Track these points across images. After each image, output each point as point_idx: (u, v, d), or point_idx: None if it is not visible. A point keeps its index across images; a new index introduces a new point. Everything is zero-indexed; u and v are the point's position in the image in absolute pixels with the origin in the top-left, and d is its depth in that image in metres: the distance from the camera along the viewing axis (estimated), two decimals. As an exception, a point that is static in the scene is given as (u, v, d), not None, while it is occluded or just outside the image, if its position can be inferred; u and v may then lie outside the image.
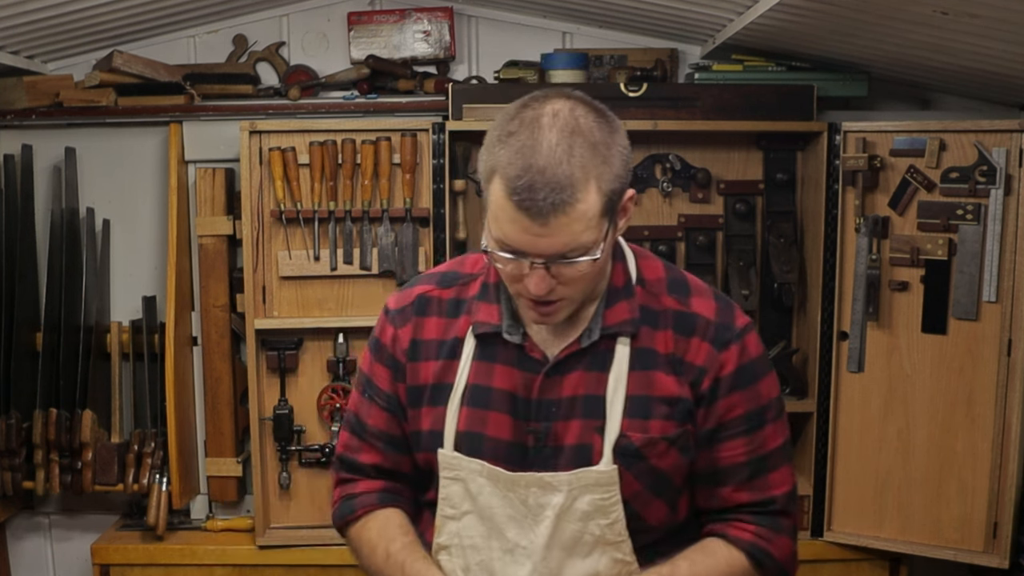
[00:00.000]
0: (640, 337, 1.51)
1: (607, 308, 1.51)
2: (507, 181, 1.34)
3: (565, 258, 1.37)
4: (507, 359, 1.52)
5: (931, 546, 2.80)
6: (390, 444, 1.62)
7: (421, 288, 1.62)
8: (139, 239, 3.17)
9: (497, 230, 1.38)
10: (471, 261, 1.62)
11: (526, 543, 1.53)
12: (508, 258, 1.39)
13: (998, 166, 2.64)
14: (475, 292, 1.57)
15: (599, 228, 1.37)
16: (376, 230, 2.92)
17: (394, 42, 3.13)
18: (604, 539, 1.52)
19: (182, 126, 3.03)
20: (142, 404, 3.11)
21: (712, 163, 3.03)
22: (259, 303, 2.91)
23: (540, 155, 1.33)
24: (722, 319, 1.53)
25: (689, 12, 2.78)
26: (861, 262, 2.78)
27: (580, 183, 1.33)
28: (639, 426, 1.49)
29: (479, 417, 1.53)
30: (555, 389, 1.51)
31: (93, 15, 2.79)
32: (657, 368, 1.51)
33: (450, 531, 1.57)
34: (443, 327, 1.58)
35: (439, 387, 1.56)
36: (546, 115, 1.36)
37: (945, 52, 2.55)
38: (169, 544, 2.99)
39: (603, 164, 1.36)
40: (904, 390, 2.79)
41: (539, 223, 1.33)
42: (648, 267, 1.57)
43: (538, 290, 1.39)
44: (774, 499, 1.55)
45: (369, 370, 1.64)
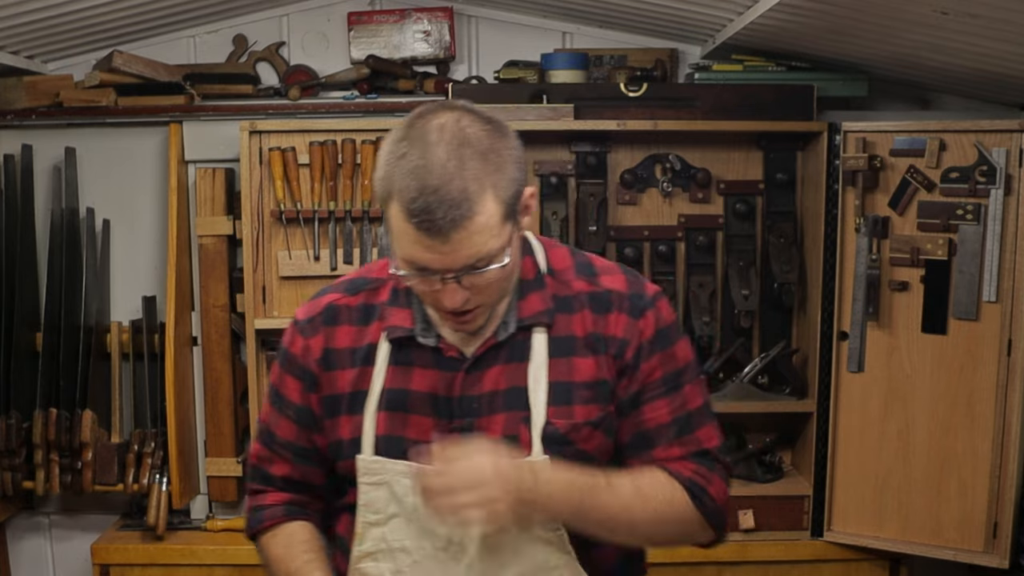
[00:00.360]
0: (556, 325, 1.52)
1: (520, 301, 1.52)
2: (404, 204, 1.34)
3: (474, 269, 1.38)
4: (424, 362, 1.52)
5: (931, 546, 2.80)
6: (299, 456, 1.62)
7: (329, 297, 1.61)
8: (139, 239, 3.17)
9: (402, 251, 1.39)
10: (379, 266, 1.62)
11: (459, 538, 1.51)
12: (418, 277, 1.40)
13: (998, 166, 2.64)
14: (385, 297, 1.57)
15: (503, 234, 1.39)
16: (376, 230, 2.92)
17: (394, 42, 3.13)
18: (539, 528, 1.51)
19: (182, 126, 3.03)
20: (142, 404, 3.11)
21: (712, 163, 3.03)
22: (259, 303, 2.91)
23: (432, 174, 1.33)
24: (634, 290, 1.56)
25: (689, 12, 2.78)
26: (861, 262, 2.78)
27: (476, 195, 1.34)
28: (563, 412, 1.50)
29: (399, 420, 1.52)
30: (476, 385, 1.51)
31: (93, 15, 2.79)
32: (575, 354, 1.52)
33: (374, 537, 1.55)
34: (355, 335, 1.57)
35: (356, 395, 1.55)
36: (432, 131, 1.36)
37: (945, 52, 2.55)
38: (169, 544, 2.99)
39: (496, 171, 1.37)
40: (904, 390, 2.79)
41: (441, 241, 1.34)
42: (555, 256, 1.58)
43: (453, 304, 1.40)
44: (707, 450, 1.57)
45: (278, 382, 1.63)
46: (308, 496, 1.66)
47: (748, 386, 2.96)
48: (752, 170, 3.05)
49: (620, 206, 3.04)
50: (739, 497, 2.92)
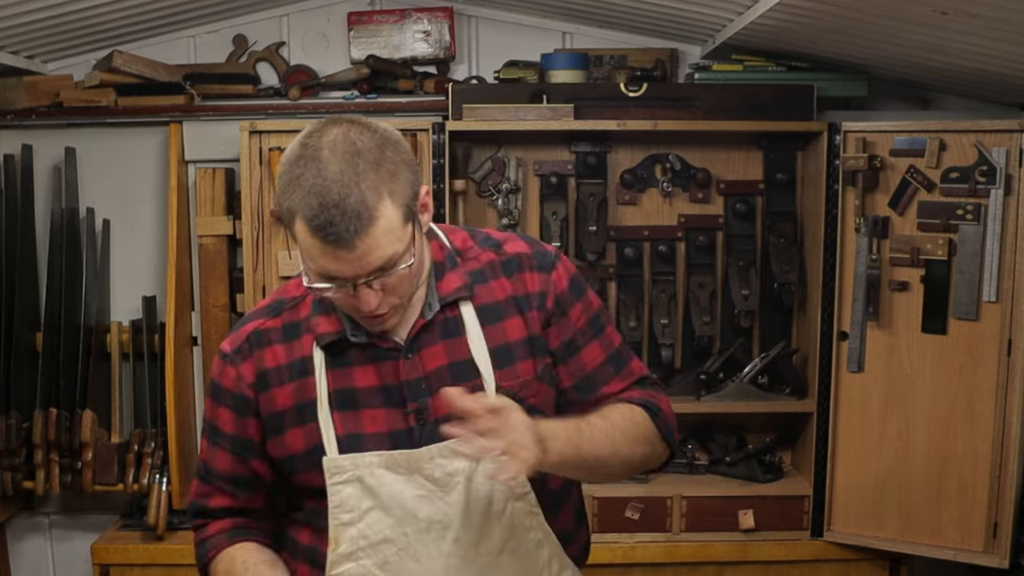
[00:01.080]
0: (478, 296, 1.61)
1: (438, 281, 1.60)
2: (307, 221, 1.40)
3: (383, 271, 1.44)
4: (361, 359, 1.58)
5: (931, 546, 2.80)
6: (238, 486, 1.66)
7: (252, 324, 1.65)
8: (139, 239, 3.17)
9: (313, 265, 1.44)
10: (293, 285, 1.66)
11: (440, 516, 1.56)
12: (331, 287, 1.45)
13: (998, 166, 2.64)
14: (307, 312, 1.61)
15: (405, 235, 1.45)
16: (376, 230, 2.92)
17: (394, 42, 3.14)
18: (512, 493, 1.58)
19: (182, 126, 3.03)
20: (142, 404, 3.11)
21: (712, 163, 3.03)
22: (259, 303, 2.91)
23: (331, 190, 1.39)
24: (536, 249, 1.67)
25: (689, 12, 2.78)
26: (861, 262, 2.78)
27: (374, 203, 1.40)
28: (508, 374, 1.58)
29: (352, 418, 1.57)
30: (418, 367, 1.57)
31: (93, 15, 2.79)
32: (503, 317, 1.61)
33: (351, 536, 1.57)
34: (286, 351, 1.61)
35: (301, 406, 1.58)
36: (325, 148, 1.42)
37: (945, 52, 2.55)
38: (169, 544, 2.99)
39: (391, 178, 1.43)
40: (904, 390, 2.79)
41: (348, 251, 1.40)
42: (457, 237, 1.67)
43: (369, 307, 1.46)
44: (644, 377, 1.71)
45: (211, 415, 1.66)
46: (250, 520, 1.69)
47: (748, 386, 2.96)
48: (752, 170, 3.05)
49: (620, 206, 3.05)
50: (739, 497, 2.93)
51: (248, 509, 1.68)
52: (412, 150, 2.88)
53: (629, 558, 2.92)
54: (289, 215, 1.43)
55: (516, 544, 1.60)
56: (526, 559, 1.61)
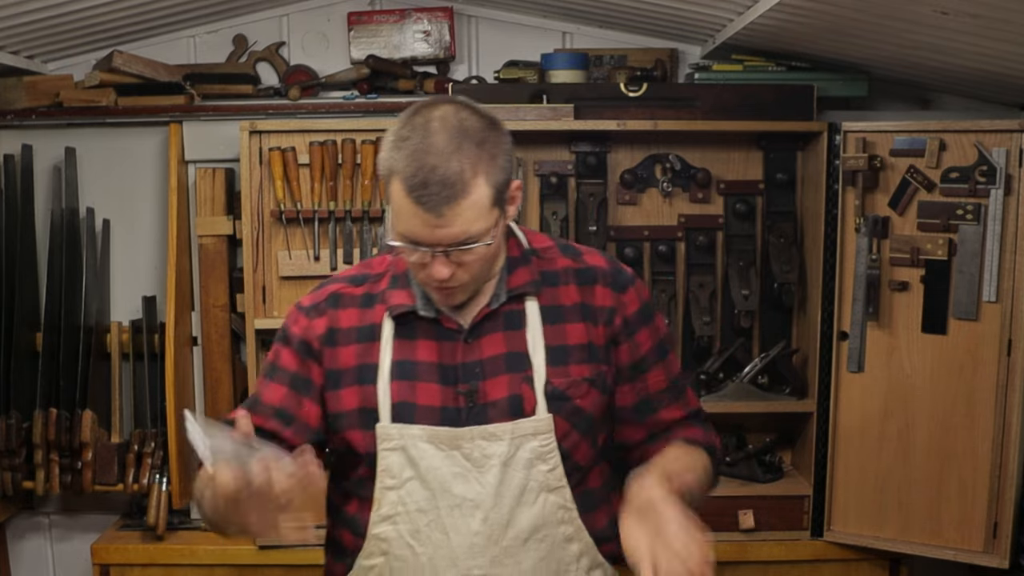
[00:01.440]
0: (544, 296, 1.69)
1: (509, 275, 1.69)
2: (404, 181, 1.50)
3: (461, 245, 1.53)
4: (426, 334, 1.67)
5: (931, 546, 2.80)
6: (276, 415, 1.69)
7: (334, 287, 1.75)
8: (139, 239, 3.17)
9: (400, 225, 1.54)
10: (376, 262, 1.77)
11: (473, 495, 1.64)
12: (411, 249, 1.55)
13: (998, 166, 2.64)
14: (386, 285, 1.71)
15: (490, 217, 1.54)
16: (376, 230, 2.92)
17: (394, 42, 3.14)
18: (547, 485, 1.66)
19: (182, 126, 3.03)
20: (142, 404, 3.11)
21: (712, 163, 3.03)
22: (259, 303, 2.91)
23: (431, 155, 1.49)
24: (614, 268, 1.75)
25: (689, 12, 2.78)
26: (861, 262, 2.78)
27: (469, 177, 1.50)
28: (560, 372, 1.66)
29: (408, 388, 1.65)
30: (476, 352, 1.66)
31: (93, 15, 2.79)
32: (566, 320, 1.69)
33: (391, 501, 1.67)
34: (359, 316, 1.70)
35: (363, 367, 1.67)
36: (435, 120, 1.52)
37: (945, 52, 2.55)
38: (169, 544, 2.99)
39: (489, 160, 1.53)
40: (904, 390, 2.79)
41: (435, 215, 1.49)
42: (537, 239, 1.77)
43: (439, 276, 1.55)
44: (699, 411, 1.82)
45: (274, 357, 1.74)
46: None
47: (748, 386, 2.96)
48: (752, 170, 3.05)
49: (620, 206, 3.05)
50: (739, 497, 2.92)
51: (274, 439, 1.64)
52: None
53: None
54: (388, 174, 1.53)
55: (545, 535, 1.67)
56: (553, 551, 1.68)
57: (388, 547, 1.68)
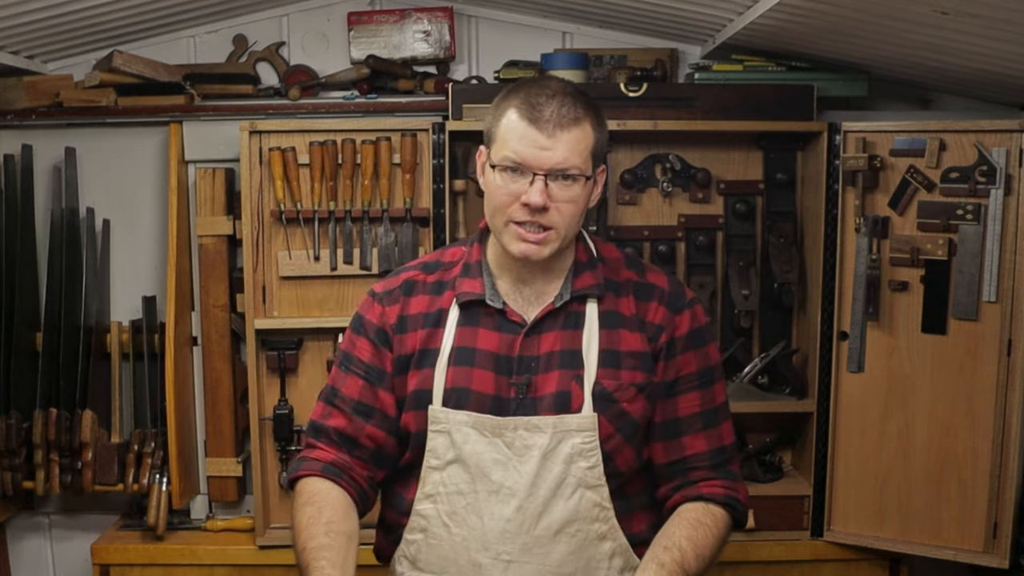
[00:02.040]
0: (606, 301, 1.75)
1: (575, 277, 1.75)
2: (520, 106, 1.61)
3: (563, 174, 1.60)
4: (489, 324, 1.73)
5: (931, 546, 2.80)
6: (358, 411, 1.77)
7: (407, 274, 1.82)
8: (139, 239, 3.17)
9: (506, 150, 1.61)
10: (451, 252, 1.84)
11: (511, 483, 1.69)
12: (513, 173, 1.61)
13: (998, 166, 2.64)
14: (457, 273, 1.78)
15: (588, 165, 1.63)
16: (376, 230, 2.92)
17: (394, 42, 3.14)
18: (585, 482, 1.70)
19: (182, 126, 3.03)
20: (142, 404, 3.11)
21: (712, 163, 3.03)
22: (259, 303, 2.91)
23: (549, 89, 1.62)
24: (674, 290, 1.81)
25: (689, 12, 2.78)
26: (861, 262, 2.78)
27: (582, 114, 1.62)
28: (611, 375, 1.71)
29: (464, 374, 1.71)
30: (534, 347, 1.72)
31: (93, 15, 2.79)
32: (622, 327, 1.74)
33: (434, 481, 1.73)
34: (428, 302, 1.77)
35: (425, 352, 1.74)
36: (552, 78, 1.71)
37: (945, 52, 2.55)
38: (169, 544, 2.99)
39: (596, 117, 1.66)
40: (904, 390, 2.79)
41: (546, 134, 1.59)
42: (606, 249, 1.84)
43: (536, 199, 1.60)
44: (725, 448, 1.80)
45: (349, 345, 1.81)
46: (352, 459, 1.77)
47: (748, 386, 2.96)
48: (752, 170, 3.05)
49: (620, 206, 3.05)
50: (739, 497, 2.93)
51: (357, 441, 1.77)
52: (412, 150, 2.91)
53: (629, 558, 2.91)
54: (501, 112, 1.64)
55: (577, 529, 1.70)
56: (584, 546, 1.71)
57: (427, 524, 1.74)
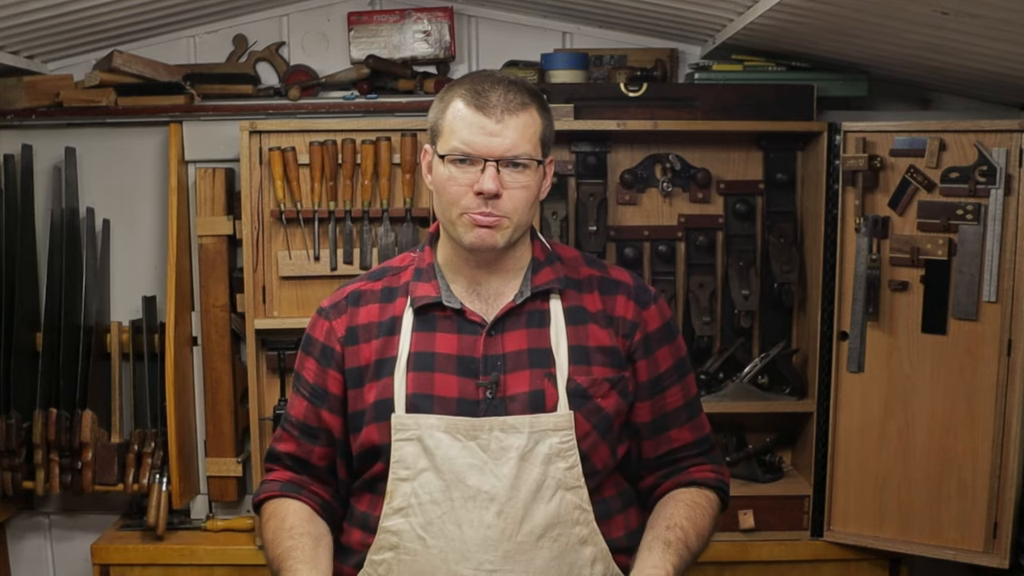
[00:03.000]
0: (568, 297, 1.72)
1: (534, 275, 1.72)
2: (466, 95, 1.60)
3: (513, 160, 1.59)
4: (447, 327, 1.69)
5: (931, 546, 2.80)
6: (304, 433, 1.76)
7: (353, 286, 1.78)
8: (139, 239, 3.17)
9: (454, 140, 1.60)
10: (398, 259, 1.81)
11: (488, 487, 1.63)
12: (463, 164, 1.60)
13: (998, 166, 2.64)
14: (408, 277, 1.74)
15: (537, 151, 1.62)
16: (376, 230, 2.92)
17: (394, 42, 3.14)
18: (564, 483, 1.65)
19: (182, 126, 3.03)
20: (142, 404, 3.11)
21: (712, 163, 3.03)
22: (259, 303, 2.91)
23: (493, 76, 1.63)
24: (638, 284, 1.79)
25: (689, 12, 2.78)
26: (861, 262, 2.78)
27: (528, 101, 1.62)
28: (583, 371, 1.68)
29: (426, 379, 1.66)
30: (498, 346, 1.68)
31: (93, 15, 2.79)
32: (590, 322, 1.71)
33: (404, 493, 1.66)
34: (379, 310, 1.73)
35: (381, 362, 1.69)
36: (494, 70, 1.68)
37: (945, 52, 2.55)
38: (169, 544, 2.99)
39: (541, 106, 1.65)
40: (904, 390, 2.79)
41: (495, 120, 1.58)
42: (563, 249, 1.82)
43: (488, 186, 1.58)
44: (708, 436, 1.83)
45: (299, 366, 1.78)
46: (308, 477, 1.77)
47: (748, 386, 2.96)
48: (752, 170, 3.05)
49: (620, 206, 3.05)
50: (739, 497, 2.92)
51: (307, 463, 1.76)
52: (412, 150, 2.91)
53: (629, 558, 2.91)
54: (445, 104, 1.63)
55: (559, 533, 1.66)
56: (567, 551, 1.67)
57: (399, 540, 1.66)
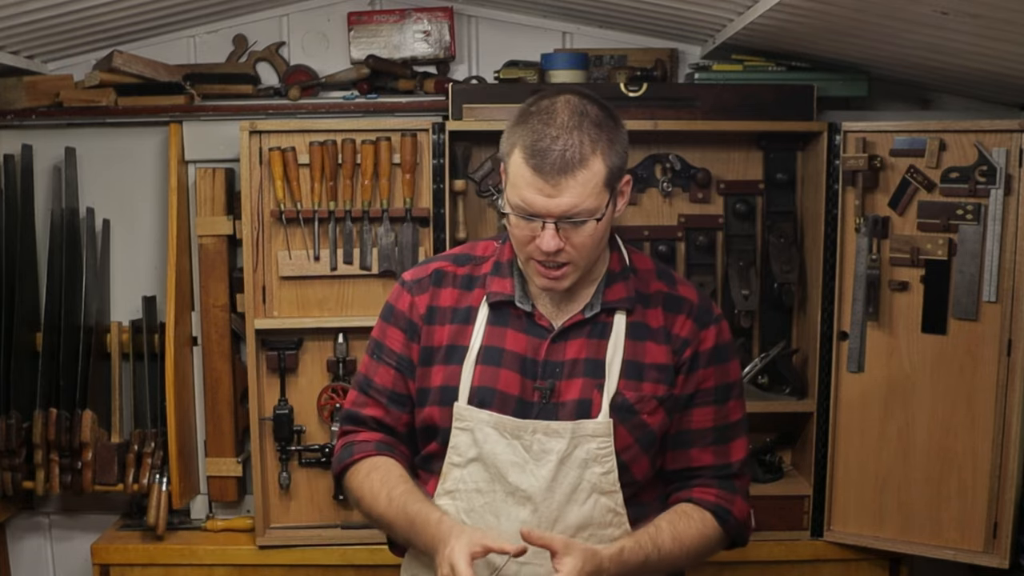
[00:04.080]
0: (635, 313, 1.74)
1: (607, 288, 1.74)
2: (525, 149, 1.58)
3: (572, 219, 1.58)
4: (517, 326, 1.73)
5: (931, 546, 2.80)
6: (393, 400, 1.79)
7: (437, 264, 1.82)
8: (139, 239, 3.17)
9: (515, 195, 1.60)
10: (482, 246, 1.83)
11: (526, 486, 1.69)
12: (523, 220, 1.61)
13: (998, 166, 2.64)
14: (488, 270, 1.77)
15: (601, 197, 1.60)
16: (376, 230, 2.92)
17: (394, 42, 3.14)
18: (599, 487, 1.70)
19: (182, 126, 3.03)
20: (142, 404, 3.11)
21: (712, 163, 3.03)
22: (259, 303, 2.91)
23: (554, 127, 1.58)
24: (703, 304, 1.79)
25: (689, 12, 2.78)
26: (861, 262, 2.78)
27: (588, 152, 1.57)
28: (633, 386, 1.71)
29: (491, 373, 1.71)
30: (560, 353, 1.71)
31: (93, 15, 2.79)
32: (649, 339, 1.74)
33: (455, 477, 1.73)
34: (457, 297, 1.77)
35: (453, 348, 1.74)
36: (560, 102, 1.62)
37: (945, 52, 2.55)
38: (169, 544, 2.99)
39: (607, 142, 1.60)
40: (904, 390, 2.79)
41: (551, 183, 1.56)
42: (639, 259, 1.82)
43: (548, 246, 1.60)
44: (731, 464, 1.80)
45: (380, 334, 1.82)
46: (396, 439, 1.81)
47: (748, 386, 2.95)
48: (752, 170, 3.05)
49: (620, 206, 3.04)
50: (739, 497, 2.93)
51: (394, 428, 1.80)
52: (412, 150, 2.91)
53: (629, 558, 2.91)
54: (510, 147, 1.62)
55: (591, 534, 1.70)
56: None
57: None
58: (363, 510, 1.78)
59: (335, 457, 1.83)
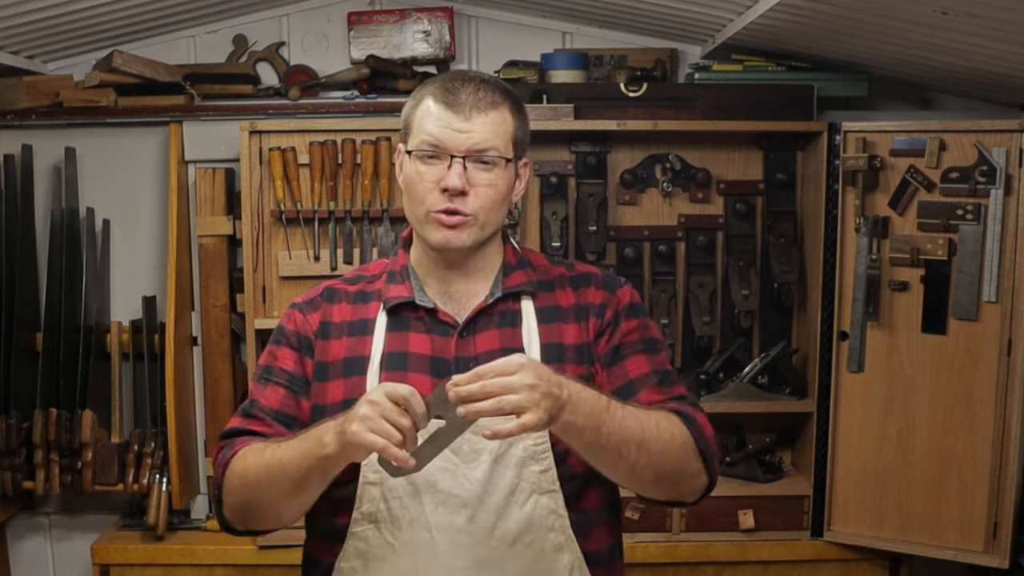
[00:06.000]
0: (541, 298, 1.69)
1: (505, 277, 1.69)
2: (435, 93, 1.58)
3: (481, 157, 1.57)
4: (419, 327, 1.66)
5: (931, 546, 2.80)
6: (277, 419, 1.65)
7: (327, 283, 1.76)
8: (139, 239, 3.17)
9: (422, 135, 1.58)
10: (373, 266, 1.78)
11: (459, 491, 1.58)
12: (430, 159, 1.58)
13: (998, 166, 2.64)
14: (381, 283, 1.71)
15: (507, 150, 1.59)
16: (376, 230, 2.92)
17: (394, 42, 3.14)
18: (539, 487, 1.59)
19: (182, 126, 3.03)
20: (142, 404, 3.11)
21: (712, 163, 3.03)
22: (259, 303, 2.91)
23: (467, 74, 1.61)
24: (607, 275, 1.76)
25: (689, 12, 2.78)
26: (861, 262, 2.78)
27: (500, 98, 1.59)
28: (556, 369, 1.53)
29: (398, 379, 1.56)
30: (470, 348, 1.63)
31: (93, 15, 2.79)
32: (562, 320, 1.68)
33: (373, 497, 1.60)
34: (351, 311, 1.70)
35: (352, 360, 1.65)
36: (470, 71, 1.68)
37: (945, 52, 2.55)
38: (169, 544, 2.99)
39: (516, 107, 1.62)
40: (904, 390, 2.79)
41: (462, 117, 1.56)
42: (532, 254, 1.78)
43: (454, 182, 1.56)
44: (684, 394, 1.69)
45: (269, 359, 1.70)
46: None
47: (748, 386, 2.96)
48: (752, 170, 3.05)
49: (620, 206, 3.05)
50: (739, 497, 2.92)
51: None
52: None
53: (629, 558, 2.87)
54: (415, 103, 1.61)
55: (533, 539, 1.60)
56: (541, 558, 1.60)
57: (367, 547, 1.60)
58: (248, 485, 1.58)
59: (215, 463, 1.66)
